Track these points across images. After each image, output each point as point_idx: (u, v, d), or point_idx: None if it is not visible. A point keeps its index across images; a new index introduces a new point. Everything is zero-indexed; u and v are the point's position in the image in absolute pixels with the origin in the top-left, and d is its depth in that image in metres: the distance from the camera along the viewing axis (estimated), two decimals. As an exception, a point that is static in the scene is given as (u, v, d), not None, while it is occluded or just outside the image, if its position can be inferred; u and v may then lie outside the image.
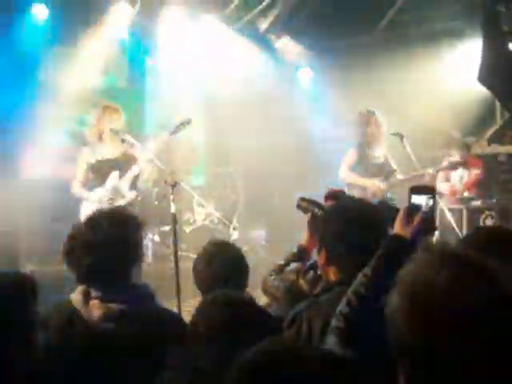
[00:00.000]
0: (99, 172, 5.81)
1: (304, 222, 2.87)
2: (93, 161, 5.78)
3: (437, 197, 5.73)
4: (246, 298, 2.44)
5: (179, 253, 5.13)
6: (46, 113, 7.77)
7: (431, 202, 2.03)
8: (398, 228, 2.01)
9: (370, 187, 6.54)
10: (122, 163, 5.87)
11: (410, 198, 2.06)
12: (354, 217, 2.36)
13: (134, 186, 5.99)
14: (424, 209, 2.02)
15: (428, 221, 2.03)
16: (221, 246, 3.18)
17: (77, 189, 5.86)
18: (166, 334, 2.31)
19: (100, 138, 5.85)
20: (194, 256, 3.28)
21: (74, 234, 2.45)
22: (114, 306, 2.33)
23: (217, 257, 3.03)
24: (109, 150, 5.85)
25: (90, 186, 5.88)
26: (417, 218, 2.00)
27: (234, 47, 8.70)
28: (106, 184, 5.76)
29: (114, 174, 5.80)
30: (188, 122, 5.34)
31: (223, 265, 2.99)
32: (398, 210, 2.08)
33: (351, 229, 2.32)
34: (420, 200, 2.04)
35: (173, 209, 4.93)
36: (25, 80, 7.40)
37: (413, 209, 2.03)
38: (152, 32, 8.31)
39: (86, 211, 5.49)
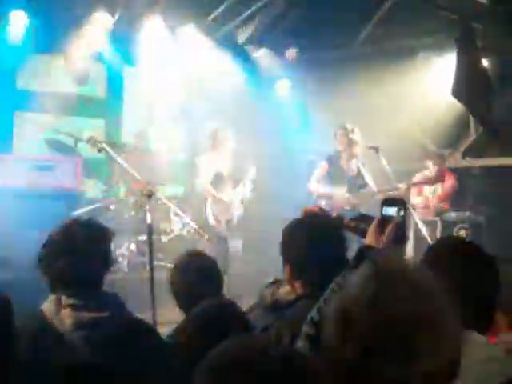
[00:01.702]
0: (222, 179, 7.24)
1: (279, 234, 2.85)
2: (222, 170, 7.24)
3: (410, 208, 5.73)
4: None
5: (155, 263, 5.10)
6: (23, 121, 7.73)
7: (402, 213, 2.07)
8: (370, 238, 2.04)
9: (336, 198, 6.62)
10: None
11: (381, 209, 2.09)
12: (314, 231, 2.39)
13: None
14: (395, 220, 2.06)
15: (399, 231, 2.06)
16: (195, 257, 3.19)
17: (212, 190, 7.20)
18: (138, 341, 2.30)
19: (215, 150, 7.26)
20: (171, 265, 3.27)
21: (50, 240, 2.49)
22: (85, 313, 2.34)
23: (191, 268, 3.04)
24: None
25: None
26: (388, 229, 2.03)
27: (212, 58, 8.72)
28: (244, 185, 7.39)
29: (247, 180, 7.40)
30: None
31: (197, 276, 2.99)
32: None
33: (312, 243, 2.35)
34: (392, 211, 2.07)
35: (148, 219, 4.90)
36: (2, 87, 7.36)
37: (385, 220, 2.07)
38: (131, 42, 8.30)
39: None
